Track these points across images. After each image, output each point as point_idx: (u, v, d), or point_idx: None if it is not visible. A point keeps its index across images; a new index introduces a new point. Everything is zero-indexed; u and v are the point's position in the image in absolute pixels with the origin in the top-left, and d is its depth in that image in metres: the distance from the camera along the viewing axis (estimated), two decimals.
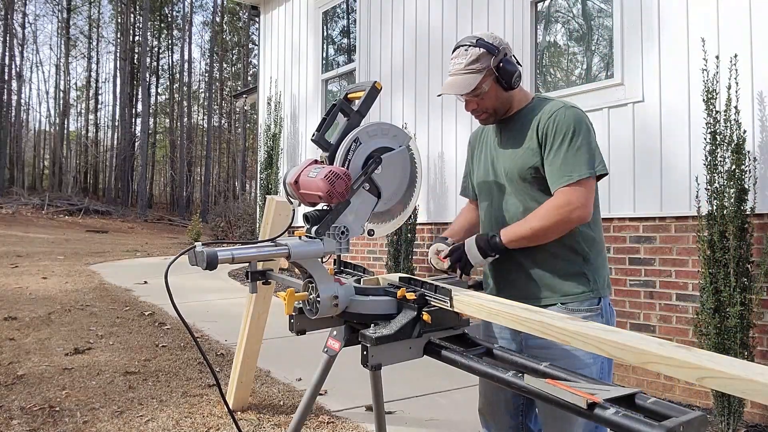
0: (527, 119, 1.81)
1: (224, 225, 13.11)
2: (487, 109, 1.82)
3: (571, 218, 1.66)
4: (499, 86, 1.78)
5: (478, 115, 1.86)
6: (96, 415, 3.17)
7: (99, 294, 6.90)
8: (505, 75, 1.76)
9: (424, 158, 5.48)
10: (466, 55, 1.75)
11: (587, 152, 1.69)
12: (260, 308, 3.25)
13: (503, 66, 1.76)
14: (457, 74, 1.76)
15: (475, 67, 1.74)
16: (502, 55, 1.76)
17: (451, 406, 3.47)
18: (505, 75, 1.76)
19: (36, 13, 49.41)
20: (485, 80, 1.75)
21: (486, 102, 1.80)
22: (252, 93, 11.34)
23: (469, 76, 1.74)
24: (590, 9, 4.65)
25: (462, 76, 1.75)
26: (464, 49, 1.76)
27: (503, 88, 1.78)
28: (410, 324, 1.44)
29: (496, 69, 1.75)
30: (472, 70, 1.74)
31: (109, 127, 38.40)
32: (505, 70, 1.76)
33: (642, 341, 1.12)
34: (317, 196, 1.50)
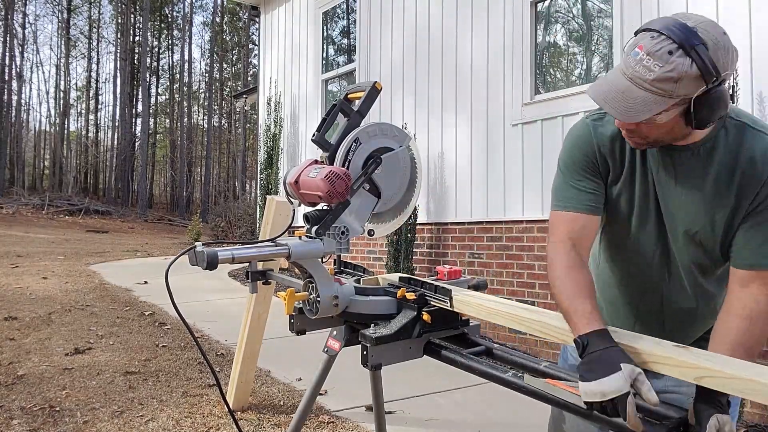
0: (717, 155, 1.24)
1: (224, 225, 13.11)
2: (647, 138, 1.22)
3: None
4: (683, 120, 1.16)
5: (631, 137, 1.25)
6: (96, 415, 3.17)
7: (99, 294, 6.90)
8: (707, 112, 1.13)
9: (424, 158, 5.48)
10: (665, 62, 1.08)
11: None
12: (260, 308, 3.25)
13: (710, 101, 1.11)
14: (636, 83, 1.11)
15: (668, 89, 1.09)
16: (719, 84, 1.11)
17: (451, 406, 3.47)
18: (707, 112, 1.13)
19: (36, 13, 49.47)
20: (671, 110, 1.13)
21: (652, 131, 1.20)
22: (252, 93, 11.34)
23: (650, 96, 1.10)
24: (590, 9, 4.65)
25: (641, 91, 1.11)
26: (668, 49, 1.09)
27: (688, 123, 1.16)
28: (410, 324, 1.44)
29: (695, 101, 1.11)
30: (660, 91, 1.10)
31: (109, 127, 38.43)
32: (708, 105, 1.12)
33: (640, 341, 1.12)
34: (317, 196, 1.50)
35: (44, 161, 38.32)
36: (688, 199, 1.27)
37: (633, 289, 1.45)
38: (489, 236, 4.96)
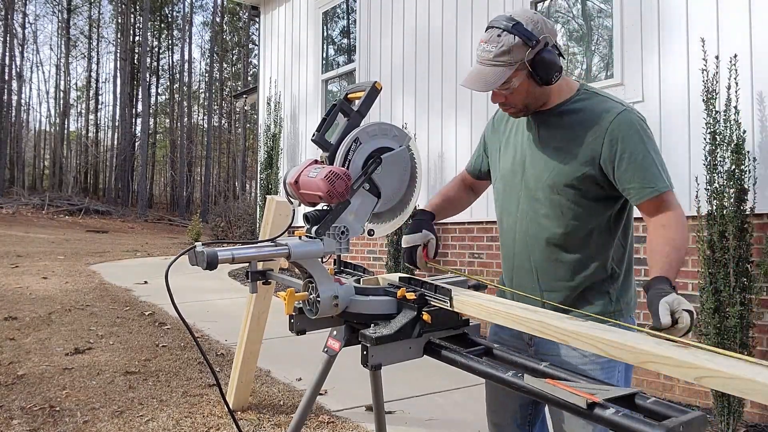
0: (576, 118, 1.58)
1: (224, 225, 13.11)
2: (515, 105, 1.59)
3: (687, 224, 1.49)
4: (532, 81, 1.53)
5: (506, 109, 1.64)
6: (96, 414, 3.17)
7: (99, 294, 6.90)
8: (542, 70, 1.50)
9: (424, 158, 5.48)
10: (497, 42, 1.49)
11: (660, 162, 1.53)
12: (260, 308, 3.25)
13: (540, 59, 1.49)
14: (485, 64, 1.52)
15: (506, 60, 1.49)
16: (542, 45, 1.50)
17: (451, 406, 3.48)
18: (542, 70, 1.50)
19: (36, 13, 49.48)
20: (516, 75, 1.51)
21: (515, 97, 1.57)
22: (252, 93, 11.34)
23: (497, 69, 1.50)
24: (590, 9, 4.65)
25: (489, 68, 1.51)
26: (497, 33, 1.50)
27: (537, 83, 1.53)
28: (410, 324, 1.44)
29: (530, 63, 1.50)
30: (501, 63, 1.49)
31: (109, 127, 38.43)
32: (542, 65, 1.50)
33: (640, 340, 1.12)
34: (317, 196, 1.50)
35: (44, 161, 38.32)
36: (547, 154, 1.61)
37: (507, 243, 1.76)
38: (489, 236, 4.96)
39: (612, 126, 1.51)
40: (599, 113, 1.55)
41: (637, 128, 1.52)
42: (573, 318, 1.31)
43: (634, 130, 1.51)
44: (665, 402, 1.06)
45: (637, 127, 1.52)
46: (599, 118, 1.54)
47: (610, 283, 1.63)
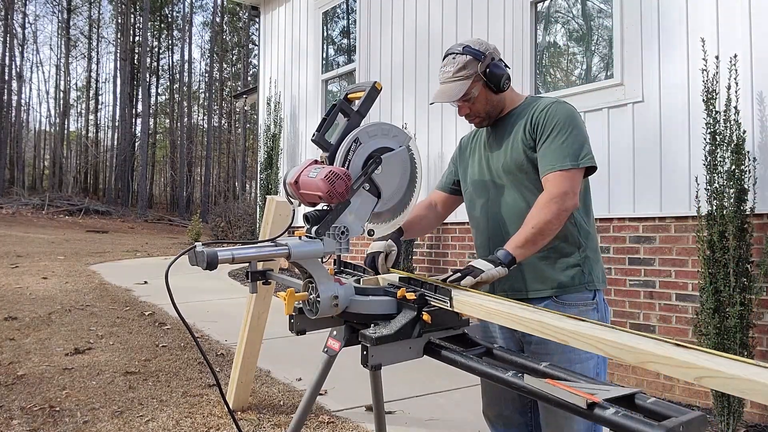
0: (520, 116, 1.86)
1: (224, 225, 13.11)
2: (479, 113, 1.88)
3: (567, 206, 1.67)
4: (488, 90, 1.84)
5: (472, 119, 1.91)
6: (96, 415, 3.17)
7: (99, 294, 6.90)
8: (493, 79, 1.82)
9: (424, 158, 5.48)
10: (454, 63, 1.81)
11: (574, 144, 1.73)
12: (260, 308, 3.25)
13: (491, 70, 1.81)
14: (447, 82, 1.82)
15: (463, 74, 1.80)
16: (489, 59, 1.82)
17: (451, 406, 3.48)
18: (493, 79, 1.82)
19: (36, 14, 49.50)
20: (474, 86, 1.81)
21: (477, 106, 1.86)
22: (252, 93, 11.34)
23: (458, 83, 1.80)
24: (590, 9, 4.65)
25: (451, 83, 1.81)
26: (452, 57, 1.83)
27: (493, 91, 1.84)
28: (410, 324, 1.44)
29: (483, 74, 1.81)
30: (460, 77, 1.80)
31: (109, 127, 38.41)
32: (492, 74, 1.81)
33: (640, 341, 1.12)
34: (317, 196, 1.50)
35: (44, 161, 38.30)
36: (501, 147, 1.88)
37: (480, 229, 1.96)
38: None
39: (540, 113, 1.79)
40: (534, 107, 1.84)
41: (559, 114, 1.77)
42: (573, 317, 1.31)
43: (558, 115, 1.76)
44: (665, 402, 1.06)
45: (560, 113, 1.77)
46: (533, 110, 1.83)
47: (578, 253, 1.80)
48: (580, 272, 1.78)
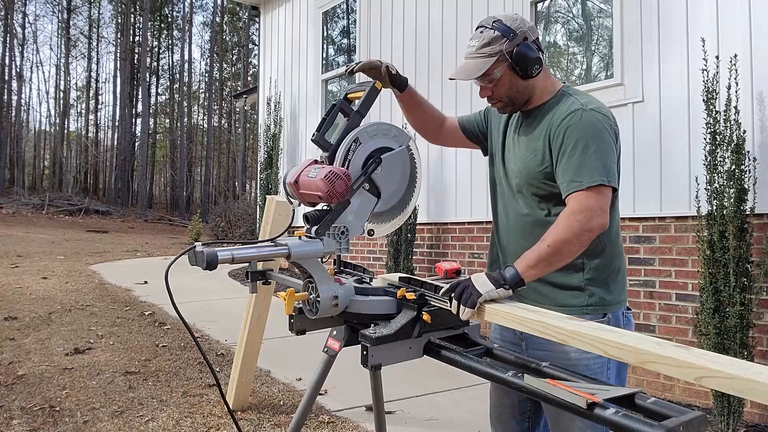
0: (545, 118, 1.65)
1: (224, 225, 13.11)
2: (501, 98, 1.67)
3: (592, 226, 1.47)
4: (514, 73, 1.62)
5: (494, 103, 1.71)
6: (96, 414, 3.17)
7: (99, 294, 6.90)
8: (521, 62, 1.60)
9: (424, 158, 5.47)
10: (480, 38, 1.61)
11: (600, 159, 1.52)
12: (260, 308, 3.25)
13: (519, 51, 1.59)
14: (469, 58, 1.63)
15: (487, 51, 1.59)
16: (520, 39, 1.60)
17: (451, 406, 3.47)
18: (521, 62, 1.60)
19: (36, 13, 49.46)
20: (498, 66, 1.60)
21: (500, 90, 1.65)
22: (252, 93, 11.34)
23: (479, 60, 1.60)
24: (590, 9, 4.65)
25: (473, 60, 1.62)
26: (480, 31, 1.63)
27: (519, 75, 1.62)
28: (410, 324, 1.44)
29: (510, 55, 1.59)
30: (483, 54, 1.60)
31: (109, 127, 38.40)
32: (521, 57, 1.59)
33: (640, 341, 1.12)
34: (317, 196, 1.50)
35: (44, 161, 38.28)
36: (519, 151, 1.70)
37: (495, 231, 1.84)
38: (489, 236, 4.96)
39: (563, 123, 1.58)
40: (561, 112, 1.61)
41: (584, 126, 1.55)
42: (573, 318, 1.31)
43: (582, 128, 1.55)
44: (665, 402, 1.06)
45: (584, 124, 1.56)
46: (559, 116, 1.60)
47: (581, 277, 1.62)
48: (581, 293, 1.62)
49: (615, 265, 1.68)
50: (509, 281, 1.43)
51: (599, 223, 1.49)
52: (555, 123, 1.60)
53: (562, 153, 1.56)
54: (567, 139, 1.55)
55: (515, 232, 1.73)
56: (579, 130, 1.55)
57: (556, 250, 1.46)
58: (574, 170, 1.53)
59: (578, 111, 1.57)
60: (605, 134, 1.56)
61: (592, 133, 1.54)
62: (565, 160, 1.55)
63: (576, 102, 1.61)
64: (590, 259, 1.62)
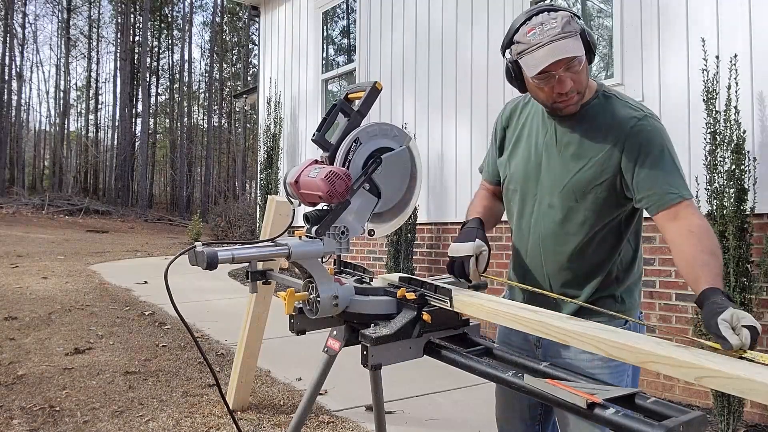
0: (596, 122, 1.53)
1: (224, 225, 13.11)
2: (581, 87, 1.49)
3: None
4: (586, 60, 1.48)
5: (569, 99, 1.49)
6: (96, 414, 3.17)
7: (99, 294, 6.90)
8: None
9: (424, 158, 5.48)
10: (556, 18, 1.42)
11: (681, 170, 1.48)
12: (260, 308, 3.25)
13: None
14: (557, 39, 1.40)
15: (572, 30, 1.41)
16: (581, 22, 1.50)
17: (451, 405, 3.47)
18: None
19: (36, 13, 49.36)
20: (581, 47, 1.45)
21: (582, 76, 1.47)
22: (252, 93, 11.34)
23: (569, 40, 1.40)
24: (590, 9, 4.65)
25: (562, 40, 1.40)
26: (547, 14, 1.44)
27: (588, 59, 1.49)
28: (410, 324, 1.44)
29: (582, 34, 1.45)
30: (570, 33, 1.41)
31: (109, 127, 38.38)
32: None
33: (640, 340, 1.12)
34: (317, 196, 1.50)
35: (44, 161, 38.27)
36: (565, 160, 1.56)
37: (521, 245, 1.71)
38: (489, 236, 4.94)
39: (633, 132, 1.47)
40: (620, 119, 1.50)
41: (659, 135, 1.48)
42: (573, 318, 1.31)
43: (657, 138, 1.47)
44: (665, 402, 1.06)
45: (658, 134, 1.48)
46: (621, 124, 1.49)
47: (617, 287, 1.61)
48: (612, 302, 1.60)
49: (640, 272, 1.69)
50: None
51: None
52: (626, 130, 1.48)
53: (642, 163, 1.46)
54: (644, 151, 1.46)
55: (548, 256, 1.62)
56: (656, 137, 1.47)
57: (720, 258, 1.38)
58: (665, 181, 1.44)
59: (645, 119, 1.49)
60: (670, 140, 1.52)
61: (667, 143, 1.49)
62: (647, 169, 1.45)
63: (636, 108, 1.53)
64: (623, 269, 1.61)
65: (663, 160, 1.46)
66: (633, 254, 1.63)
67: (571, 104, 1.51)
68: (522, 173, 1.65)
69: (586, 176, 1.52)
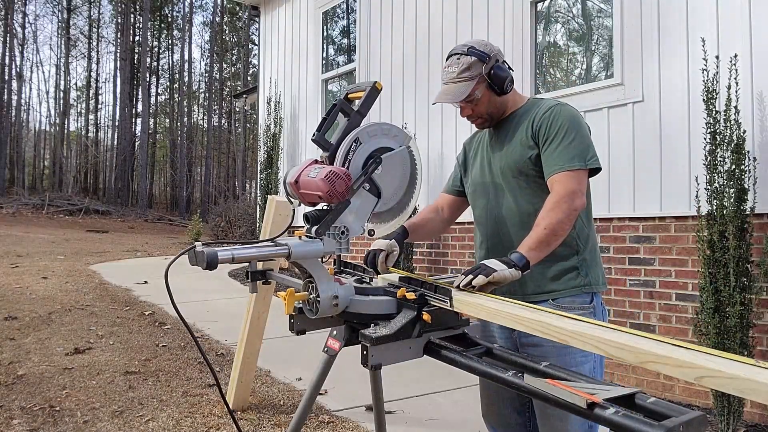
0: (522, 118, 1.85)
1: (224, 225, 13.10)
2: (481, 115, 1.86)
3: (576, 205, 1.67)
4: (491, 92, 1.82)
5: (474, 121, 1.90)
6: (96, 414, 3.17)
7: (99, 294, 6.90)
8: (497, 81, 1.80)
9: (424, 158, 5.48)
10: (458, 64, 1.79)
11: (580, 145, 1.72)
12: (260, 308, 3.25)
13: (494, 72, 1.80)
14: (451, 83, 1.80)
15: (467, 75, 1.78)
16: (493, 62, 1.80)
17: (451, 405, 3.48)
18: (497, 81, 1.80)
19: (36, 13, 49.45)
20: (477, 87, 1.79)
21: (480, 108, 1.84)
22: (252, 93, 11.34)
23: (462, 84, 1.78)
24: (590, 9, 4.65)
25: (455, 84, 1.79)
26: (456, 58, 1.81)
27: (496, 93, 1.83)
28: (410, 324, 1.44)
29: (487, 76, 1.80)
30: (464, 78, 1.78)
31: (109, 127, 38.40)
32: (496, 76, 1.80)
33: (641, 341, 1.12)
34: (317, 196, 1.50)
35: (44, 161, 38.27)
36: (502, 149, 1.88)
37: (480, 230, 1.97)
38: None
39: (544, 115, 1.78)
40: (538, 109, 1.82)
41: (564, 116, 1.76)
42: (574, 317, 1.31)
43: (562, 117, 1.75)
44: (665, 402, 1.06)
45: (564, 114, 1.76)
46: (536, 112, 1.82)
47: (577, 259, 1.79)
48: (577, 275, 1.77)
49: (598, 249, 1.89)
50: (518, 263, 1.54)
51: (581, 203, 1.69)
52: (537, 116, 1.79)
53: (546, 140, 1.75)
54: (550, 128, 1.75)
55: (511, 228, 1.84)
56: (561, 119, 1.76)
57: (552, 232, 1.62)
58: (557, 155, 1.72)
59: (557, 105, 1.80)
60: (582, 122, 1.79)
61: (573, 122, 1.75)
62: (549, 146, 1.74)
63: (552, 101, 1.85)
64: (584, 242, 1.81)
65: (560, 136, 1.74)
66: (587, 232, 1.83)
67: (479, 124, 1.92)
68: (478, 174, 1.97)
69: (515, 157, 1.82)
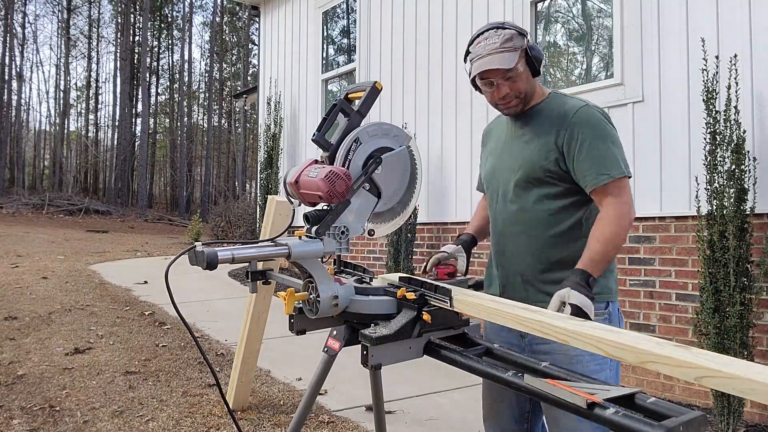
0: (544, 115, 1.76)
1: (224, 225, 13.10)
2: (519, 93, 1.75)
3: (632, 217, 1.61)
4: (528, 70, 1.74)
5: (508, 102, 1.76)
6: (96, 414, 3.17)
7: (99, 294, 6.90)
8: (537, 58, 1.73)
9: (424, 158, 5.48)
10: (498, 35, 1.70)
11: (619, 152, 1.67)
12: (260, 308, 3.25)
13: (534, 48, 1.73)
14: (494, 53, 1.69)
15: (511, 45, 1.69)
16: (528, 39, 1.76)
17: (451, 405, 3.48)
18: (537, 58, 1.73)
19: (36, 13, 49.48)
20: (520, 60, 1.71)
21: (520, 84, 1.73)
22: (252, 93, 11.34)
23: (507, 54, 1.68)
24: (590, 9, 4.65)
25: (499, 54, 1.68)
26: (494, 31, 1.72)
27: (531, 73, 1.75)
28: (410, 324, 1.44)
29: (527, 49, 1.72)
30: (508, 48, 1.68)
31: (109, 127, 38.40)
32: (535, 53, 1.73)
33: (641, 341, 1.12)
34: (317, 196, 1.50)
35: (44, 161, 38.28)
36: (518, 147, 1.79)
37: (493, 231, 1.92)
38: None
39: (573, 119, 1.69)
40: (563, 109, 1.73)
41: (596, 121, 1.68)
42: (574, 318, 1.31)
43: (594, 123, 1.68)
44: (665, 402, 1.06)
45: (596, 120, 1.69)
46: (563, 113, 1.72)
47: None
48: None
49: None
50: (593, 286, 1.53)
51: (634, 212, 1.65)
52: (567, 118, 1.69)
53: (579, 145, 1.66)
54: (582, 134, 1.66)
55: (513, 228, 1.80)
56: (592, 126, 1.67)
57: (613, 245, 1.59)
58: (598, 162, 1.63)
59: (585, 107, 1.71)
60: (612, 128, 1.71)
61: (607, 127, 1.68)
62: (584, 152, 1.65)
63: (578, 100, 1.74)
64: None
65: (598, 144, 1.65)
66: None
67: (511, 107, 1.78)
68: (490, 170, 1.90)
69: (534, 156, 1.73)
